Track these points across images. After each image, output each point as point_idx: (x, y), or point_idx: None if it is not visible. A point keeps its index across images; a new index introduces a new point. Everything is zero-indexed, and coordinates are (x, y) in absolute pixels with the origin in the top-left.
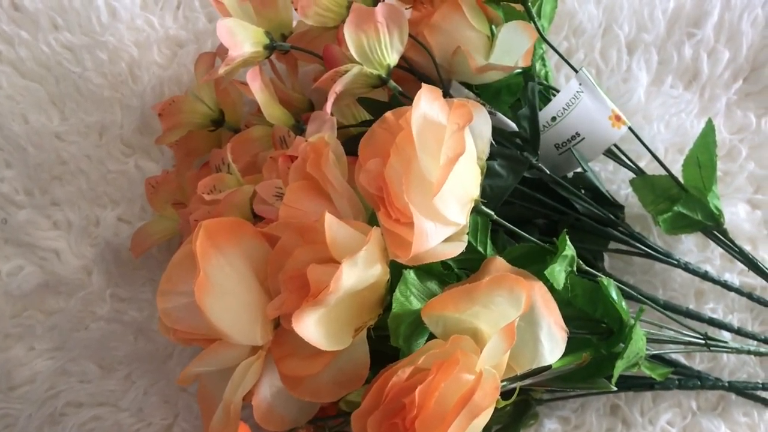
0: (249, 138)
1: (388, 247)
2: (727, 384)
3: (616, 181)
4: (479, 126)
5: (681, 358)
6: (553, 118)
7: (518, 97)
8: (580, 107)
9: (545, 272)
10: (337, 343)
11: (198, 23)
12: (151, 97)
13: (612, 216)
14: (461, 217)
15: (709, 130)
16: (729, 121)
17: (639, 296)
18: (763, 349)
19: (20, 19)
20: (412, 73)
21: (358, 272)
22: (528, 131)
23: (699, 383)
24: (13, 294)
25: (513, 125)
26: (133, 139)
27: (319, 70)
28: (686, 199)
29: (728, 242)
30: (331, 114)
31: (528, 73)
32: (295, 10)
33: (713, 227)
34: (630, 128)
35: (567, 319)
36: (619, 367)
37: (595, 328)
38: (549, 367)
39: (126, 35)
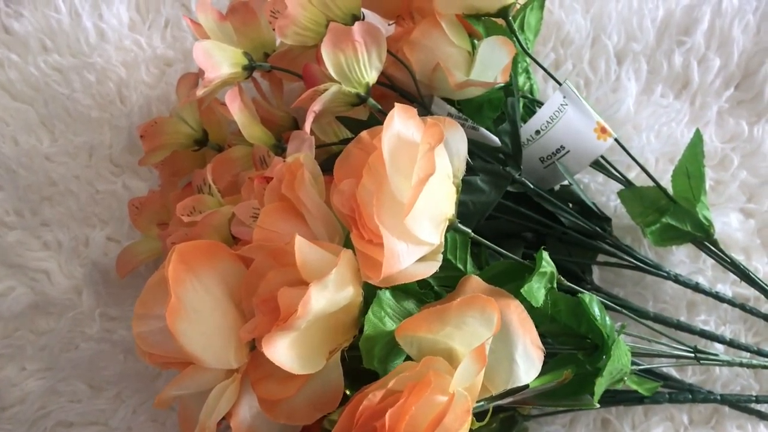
0: (230, 158)
1: (361, 268)
2: (719, 397)
3: (605, 193)
4: (455, 144)
5: (672, 371)
6: (537, 132)
7: (501, 111)
8: (564, 120)
9: (522, 291)
10: (310, 366)
11: (186, 42)
12: (138, 116)
13: (599, 229)
14: (435, 236)
15: (697, 139)
16: (721, 129)
17: (628, 309)
18: (755, 361)
19: (10, 41)
20: (394, 90)
21: (329, 295)
22: (510, 146)
23: (690, 396)
24: (3, 315)
25: (496, 140)
26: (121, 158)
27: (302, 88)
28: (675, 210)
29: (719, 253)
30: (312, 133)
31: (510, 88)
32: (274, 30)
33: (703, 238)
34: (616, 140)
35: (551, 335)
36: (601, 385)
37: (580, 343)
38: (526, 386)
39: (114, 56)
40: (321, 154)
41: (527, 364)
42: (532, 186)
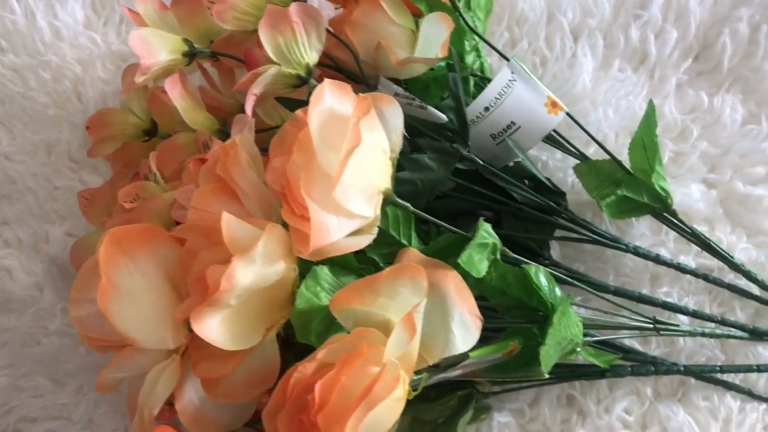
0: (174, 145)
1: (293, 243)
2: (683, 368)
3: (564, 170)
4: (392, 119)
5: (636, 345)
6: (487, 109)
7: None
8: (513, 96)
9: (459, 261)
10: (243, 342)
11: None
12: (95, 112)
13: (553, 203)
14: (368, 209)
15: (650, 110)
16: (680, 101)
17: (587, 283)
18: (719, 330)
19: None
20: (340, 72)
21: (257, 269)
22: (456, 122)
23: (654, 369)
24: None
25: (444, 118)
26: (79, 155)
27: None
28: (630, 182)
29: (680, 224)
30: (256, 116)
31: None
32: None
33: (661, 209)
34: (569, 114)
35: (504, 309)
36: (546, 354)
37: (532, 316)
38: (466, 356)
39: (69, 53)
40: (267, 138)
41: (464, 332)
42: (481, 162)
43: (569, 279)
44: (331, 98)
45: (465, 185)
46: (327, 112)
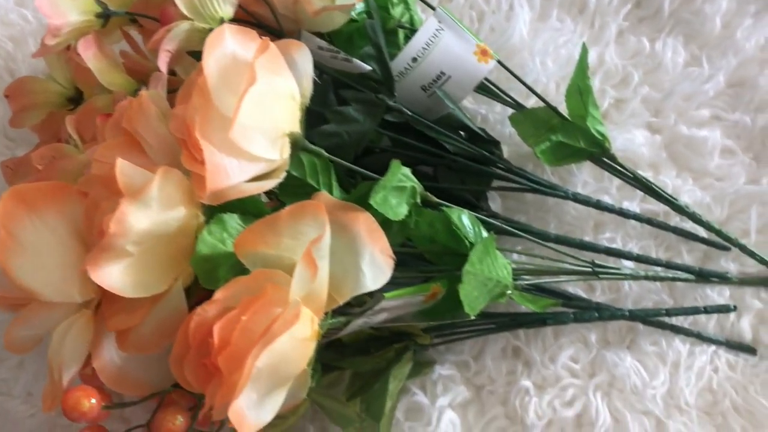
0: (93, 108)
1: (194, 188)
2: (627, 313)
3: (503, 122)
4: (302, 64)
5: (580, 292)
6: (414, 59)
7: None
8: (441, 46)
9: (371, 202)
10: (146, 290)
11: None
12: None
13: (487, 153)
14: (272, 152)
15: (583, 54)
16: (621, 47)
17: (528, 233)
18: (664, 273)
19: None
20: (261, 27)
21: (153, 214)
22: (379, 72)
23: (597, 315)
24: None
25: (368, 68)
26: (14, 131)
27: None
28: (565, 128)
29: (620, 168)
30: (173, 74)
31: (386, 17)
32: None
33: (599, 153)
34: (499, 62)
35: (434, 256)
36: (468, 294)
37: (462, 263)
38: (381, 297)
39: (0, 31)
40: None
41: (375, 271)
42: (410, 113)
43: (510, 229)
44: (233, 43)
45: (397, 138)
46: (228, 57)
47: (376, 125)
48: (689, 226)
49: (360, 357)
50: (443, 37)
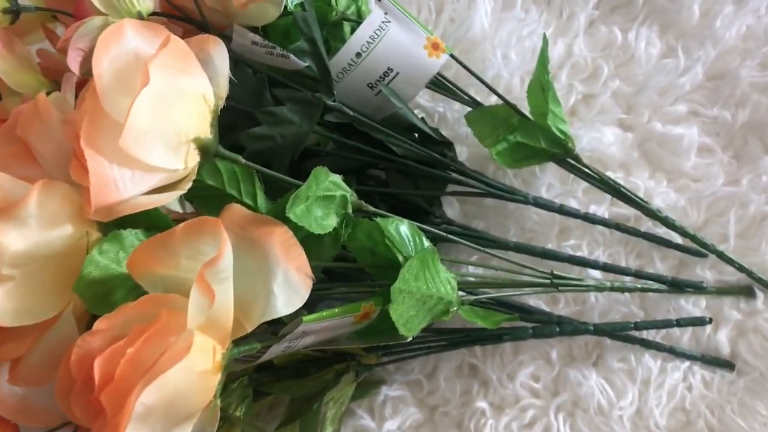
0: (2, 112)
1: (84, 202)
2: (592, 327)
3: (462, 121)
4: (218, 61)
5: (542, 305)
6: (358, 54)
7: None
8: (387, 39)
9: (288, 215)
10: (29, 317)
11: None
12: None
13: (438, 155)
14: (174, 161)
15: (544, 46)
16: (592, 39)
17: (485, 241)
18: (633, 284)
19: None
20: (190, 23)
21: (33, 233)
22: (315, 68)
23: (558, 330)
24: None
25: (303, 64)
26: None
27: None
28: (524, 127)
29: (586, 170)
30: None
31: (325, 9)
32: None
33: (562, 154)
34: (452, 56)
35: (375, 271)
36: (400, 314)
37: None
38: (299, 320)
39: None
40: None
41: (288, 293)
42: (351, 113)
43: (456, 240)
44: (136, 39)
45: (340, 141)
46: (129, 55)
47: (313, 127)
48: (662, 231)
49: (294, 380)
50: (390, 30)
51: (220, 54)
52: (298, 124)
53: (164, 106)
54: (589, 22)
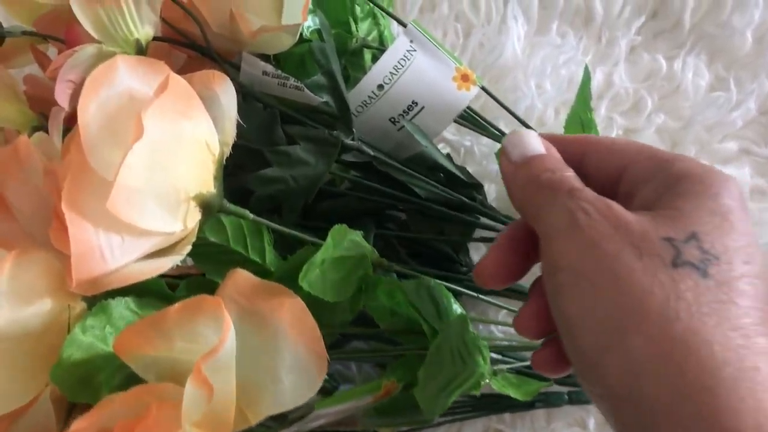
0: None
1: (66, 273)
2: None
3: (491, 157)
4: (225, 101)
5: None
6: (380, 87)
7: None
8: (413, 69)
9: (301, 283)
10: (3, 403)
11: None
12: None
13: (466, 198)
14: (171, 222)
15: (586, 78)
16: (633, 67)
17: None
18: None
19: None
20: (195, 50)
21: (4, 313)
22: (333, 103)
23: None
24: None
25: (319, 99)
26: None
27: None
28: None
29: None
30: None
31: (344, 35)
32: None
33: None
34: (483, 88)
35: (395, 334)
36: (426, 396)
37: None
38: (311, 408)
39: None
40: None
41: (298, 380)
42: (372, 152)
43: (485, 299)
44: (130, 78)
45: (359, 181)
46: (122, 97)
47: (329, 168)
48: None
49: None
50: (415, 59)
51: (227, 92)
52: (313, 165)
53: (161, 158)
54: (630, 48)
